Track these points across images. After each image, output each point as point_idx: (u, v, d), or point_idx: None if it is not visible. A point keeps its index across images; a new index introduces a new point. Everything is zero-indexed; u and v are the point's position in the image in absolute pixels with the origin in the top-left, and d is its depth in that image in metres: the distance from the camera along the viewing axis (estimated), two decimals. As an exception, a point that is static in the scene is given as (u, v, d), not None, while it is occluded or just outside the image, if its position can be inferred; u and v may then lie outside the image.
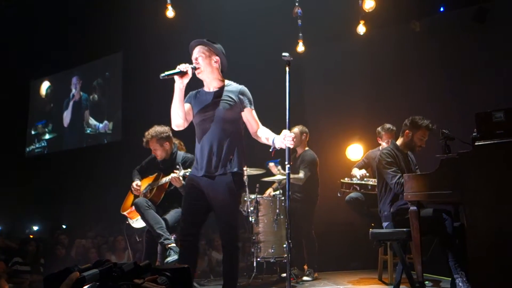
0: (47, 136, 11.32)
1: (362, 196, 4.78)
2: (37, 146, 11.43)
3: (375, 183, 4.30)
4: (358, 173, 4.89)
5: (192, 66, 3.05)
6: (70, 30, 9.02)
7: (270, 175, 5.38)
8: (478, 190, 2.87)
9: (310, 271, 5.31)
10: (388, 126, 5.06)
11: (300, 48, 6.70)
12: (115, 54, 9.89)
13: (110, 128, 10.08)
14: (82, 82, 10.88)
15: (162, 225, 4.02)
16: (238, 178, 3.07)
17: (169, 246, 3.84)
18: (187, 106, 3.17)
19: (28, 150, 11.57)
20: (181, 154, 4.44)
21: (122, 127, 9.74)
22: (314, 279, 5.24)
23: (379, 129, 5.13)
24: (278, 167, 5.14)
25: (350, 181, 4.87)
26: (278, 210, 5.08)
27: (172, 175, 4.04)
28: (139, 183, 4.50)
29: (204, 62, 3.09)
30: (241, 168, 3.10)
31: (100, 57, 10.19)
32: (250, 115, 3.16)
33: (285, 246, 4.85)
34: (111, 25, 8.32)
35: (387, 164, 3.82)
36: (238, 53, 6.97)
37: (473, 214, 2.87)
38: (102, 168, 8.81)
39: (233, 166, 3.03)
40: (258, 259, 5.07)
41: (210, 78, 3.14)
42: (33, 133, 11.59)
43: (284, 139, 2.97)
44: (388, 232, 3.71)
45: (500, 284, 2.75)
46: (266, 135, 3.12)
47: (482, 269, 2.81)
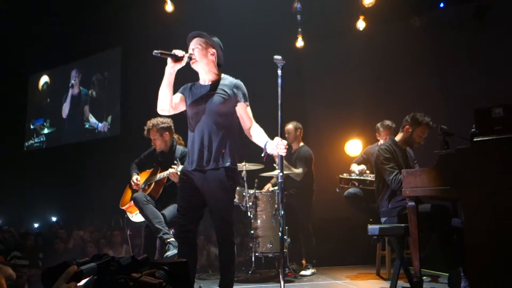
0: (46, 130, 11.30)
1: (361, 191, 4.79)
2: (35, 140, 11.42)
3: (374, 179, 4.31)
4: (356, 168, 4.90)
5: (187, 55, 3.01)
6: (70, 25, 8.99)
7: (269, 170, 5.39)
8: (476, 186, 2.88)
9: (309, 266, 5.33)
10: (387, 123, 5.06)
11: (299, 43, 6.69)
12: (114, 49, 9.87)
13: (109, 125, 10.07)
14: (81, 76, 10.85)
15: (161, 219, 4.03)
16: (231, 173, 3.01)
17: (168, 240, 3.84)
18: (180, 96, 3.14)
19: (27, 144, 11.56)
20: (180, 148, 4.43)
21: (121, 122, 9.74)
22: (313, 274, 5.26)
23: (378, 125, 5.14)
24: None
25: (348, 176, 4.87)
26: (276, 205, 5.09)
27: (170, 170, 4.04)
28: (139, 178, 4.50)
29: (200, 53, 3.05)
30: (234, 163, 3.04)
31: (99, 52, 10.16)
32: (244, 111, 3.10)
33: (287, 240, 4.90)
34: (110, 20, 8.29)
35: (385, 160, 3.83)
36: (237, 48, 6.94)
37: (471, 209, 2.87)
38: (100, 162, 8.80)
39: (225, 161, 2.98)
40: (257, 254, 5.09)
41: (205, 70, 3.10)
42: (31, 127, 11.57)
43: (277, 147, 2.90)
44: (386, 227, 3.72)
45: (497, 278, 2.76)
46: (258, 137, 3.06)
47: (479, 264, 2.81)
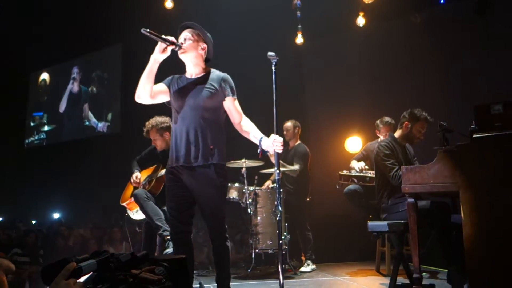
0: (46, 127, 11.30)
1: (361, 188, 4.80)
2: (36, 138, 11.42)
3: (374, 175, 4.31)
4: (356, 165, 4.90)
5: (178, 43, 2.92)
6: (70, 22, 8.97)
7: (268, 167, 5.40)
8: (476, 182, 2.88)
9: (308, 263, 5.35)
10: (386, 119, 5.07)
11: (299, 40, 6.68)
12: (114, 46, 9.86)
13: (109, 123, 10.08)
14: (81, 73, 10.84)
15: (161, 216, 4.03)
16: (221, 170, 2.95)
17: (167, 237, 3.85)
18: (163, 87, 3.05)
19: (27, 141, 11.57)
20: None
21: (121, 119, 9.74)
22: (312, 271, 5.28)
23: (378, 122, 5.14)
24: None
25: (348, 173, 4.88)
26: (276, 202, 5.09)
27: None
28: (139, 175, 4.50)
29: (191, 45, 2.97)
30: (222, 159, 2.98)
31: (99, 49, 10.15)
32: (232, 105, 3.02)
33: (283, 238, 4.92)
34: (111, 17, 8.28)
35: (385, 156, 3.83)
36: (237, 45, 6.97)
37: (470, 206, 2.87)
38: (101, 159, 8.81)
39: (214, 157, 2.91)
40: (257, 251, 5.10)
41: (193, 62, 3.01)
42: (32, 124, 11.57)
43: (273, 144, 2.87)
44: (385, 224, 3.72)
45: (496, 274, 2.77)
46: (252, 132, 3.00)
47: (478, 260, 2.82)
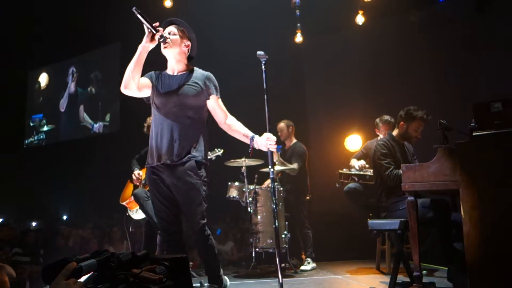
0: (45, 128, 11.31)
1: (360, 186, 4.80)
2: (35, 138, 11.43)
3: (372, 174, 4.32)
4: (356, 163, 4.90)
5: (163, 35, 2.87)
6: (68, 20, 8.96)
7: (268, 166, 5.39)
8: (476, 180, 2.88)
9: (309, 261, 5.35)
10: (386, 117, 5.07)
11: (298, 38, 6.67)
12: (113, 44, 9.85)
13: (106, 123, 10.09)
14: (79, 74, 10.84)
15: (161, 215, 4.02)
16: (203, 167, 2.89)
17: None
18: (147, 80, 2.97)
19: (27, 142, 11.57)
20: None
21: (121, 118, 9.74)
22: (313, 269, 5.28)
23: (377, 120, 5.14)
24: (279, 153, 5.16)
25: (348, 171, 4.88)
26: (274, 201, 5.09)
27: None
28: (141, 173, 4.50)
29: (175, 40, 2.94)
30: (205, 157, 2.92)
31: (98, 47, 10.14)
32: (216, 104, 2.99)
33: (283, 237, 4.92)
34: (109, 15, 8.27)
35: (382, 155, 3.84)
36: (235, 44, 6.96)
37: (470, 204, 2.87)
38: (100, 158, 8.82)
39: (196, 155, 2.85)
40: (257, 249, 5.10)
41: (176, 58, 2.97)
42: (31, 124, 11.58)
43: (267, 143, 2.85)
44: (385, 222, 3.72)
45: (497, 272, 2.77)
46: (242, 131, 2.97)
47: (478, 258, 2.82)
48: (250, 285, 4.59)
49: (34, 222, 9.90)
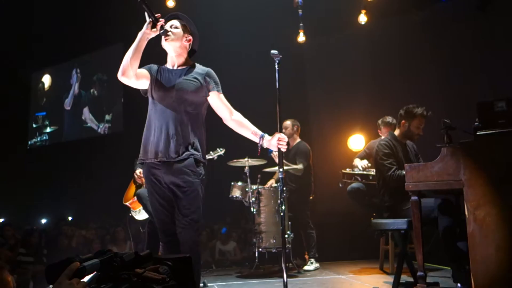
0: (48, 129, 11.35)
1: (364, 186, 4.79)
2: (38, 139, 11.47)
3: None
4: (359, 163, 4.90)
5: (164, 28, 2.80)
6: (70, 21, 8.98)
7: (271, 166, 5.39)
8: (480, 179, 2.87)
9: (312, 261, 5.35)
10: (387, 119, 5.06)
11: (300, 38, 6.66)
12: (116, 45, 9.86)
13: (109, 124, 10.11)
14: (82, 76, 10.86)
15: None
16: (202, 165, 2.80)
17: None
18: (146, 72, 2.87)
19: (30, 143, 11.62)
20: None
21: (124, 118, 9.75)
22: (316, 269, 5.27)
23: (379, 121, 5.16)
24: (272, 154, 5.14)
25: (351, 171, 4.87)
26: (279, 201, 5.09)
27: None
28: (142, 170, 4.50)
29: (176, 33, 2.86)
30: (203, 156, 2.82)
31: (100, 47, 10.15)
32: (219, 99, 2.89)
33: (286, 237, 4.91)
34: (111, 15, 8.28)
35: (384, 155, 3.83)
36: (238, 43, 6.96)
37: (474, 203, 2.86)
38: (103, 159, 8.83)
39: (195, 152, 2.75)
40: (260, 249, 5.10)
41: (177, 52, 2.89)
42: (34, 126, 11.62)
43: (278, 144, 2.80)
44: (389, 222, 3.71)
45: (500, 272, 2.76)
46: (250, 128, 2.89)
47: (482, 258, 2.81)
48: (253, 285, 4.59)
49: (38, 222, 9.93)
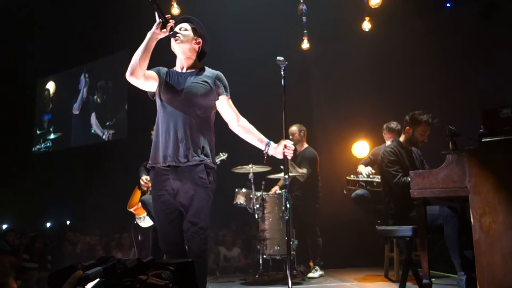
0: (52, 136, 11.41)
1: (368, 193, 4.77)
2: (42, 146, 11.53)
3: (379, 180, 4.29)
4: (364, 170, 4.88)
5: (174, 29, 2.75)
6: (76, 28, 9.05)
7: (276, 172, 5.39)
8: (485, 186, 2.85)
9: (317, 268, 5.32)
10: (391, 125, 5.05)
11: (305, 45, 6.68)
12: (122, 51, 9.92)
13: (112, 131, 10.17)
14: (89, 81, 10.94)
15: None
16: (212, 171, 2.74)
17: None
18: (154, 74, 2.83)
19: (34, 149, 11.69)
20: None
21: (128, 125, 9.79)
22: (321, 276, 5.25)
23: (384, 126, 5.15)
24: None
25: (356, 178, 4.86)
26: (284, 208, 5.08)
27: None
28: (148, 178, 4.51)
29: (186, 35, 2.81)
30: (213, 161, 2.76)
31: (106, 54, 10.22)
32: (227, 104, 2.85)
33: (291, 244, 4.89)
34: (117, 23, 8.35)
35: (389, 162, 3.82)
36: (242, 50, 6.98)
37: (480, 210, 2.85)
38: (108, 165, 8.85)
39: (205, 157, 2.69)
40: (264, 256, 5.08)
41: (186, 54, 2.84)
42: (38, 132, 11.69)
43: (284, 150, 2.78)
44: (394, 229, 3.70)
45: (506, 279, 2.73)
46: (256, 135, 2.87)
47: (488, 265, 2.79)
48: (257, 292, 4.57)
49: (42, 229, 9.95)
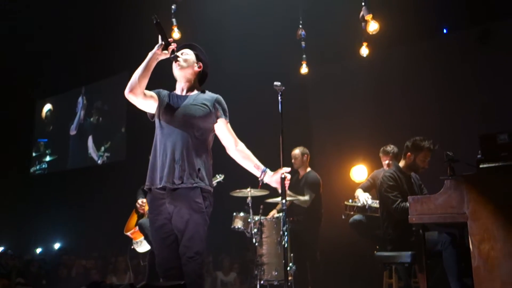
0: (48, 158, 11.42)
1: (365, 218, 4.74)
2: (37, 168, 11.54)
3: (379, 205, 4.27)
4: (362, 196, 4.83)
5: (175, 53, 2.80)
6: (77, 49, 9.13)
7: (274, 196, 5.36)
8: (484, 212, 2.85)
9: (315, 294, 5.25)
10: (387, 148, 5.02)
11: (304, 69, 6.75)
12: (122, 74, 10.00)
13: (106, 153, 10.18)
14: (87, 104, 10.99)
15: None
16: (207, 195, 2.72)
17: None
18: (154, 94, 2.86)
19: (32, 170, 11.68)
20: None
21: (127, 147, 9.79)
22: (318, 302, 5.17)
23: (381, 149, 5.14)
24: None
25: (353, 203, 4.83)
26: (282, 232, 5.03)
27: None
28: (144, 200, 4.49)
29: (187, 60, 2.87)
30: (210, 184, 2.74)
31: (106, 76, 10.28)
32: (226, 127, 2.86)
33: (288, 269, 4.83)
34: (117, 45, 8.43)
35: (389, 187, 3.81)
36: (241, 74, 7.05)
37: (478, 237, 2.83)
38: (105, 188, 8.82)
39: (200, 180, 2.67)
40: (262, 282, 5.01)
41: (186, 78, 2.88)
42: (34, 154, 11.70)
43: (279, 181, 2.78)
44: (393, 255, 3.67)
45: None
46: (253, 161, 2.86)
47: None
48: (254, 318, 4.50)
49: (37, 252, 9.85)
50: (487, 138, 3.02)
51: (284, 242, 3.09)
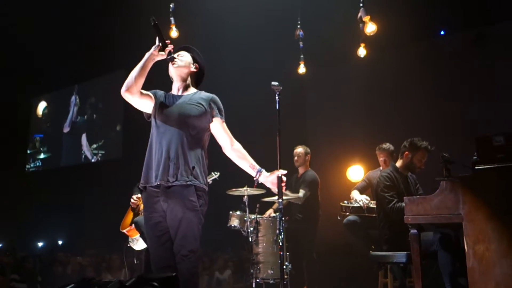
0: (42, 155, 11.39)
1: (359, 219, 4.76)
2: (31, 165, 11.50)
3: (374, 206, 4.30)
4: (357, 197, 4.85)
5: (172, 54, 2.82)
6: (74, 47, 9.10)
7: (270, 195, 5.37)
8: (479, 214, 2.87)
9: (310, 293, 5.27)
10: (383, 146, 5.04)
11: (301, 69, 6.76)
12: (118, 72, 9.97)
13: (99, 152, 10.17)
14: (81, 101, 10.96)
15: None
16: (202, 193, 2.72)
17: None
18: (150, 94, 2.89)
19: (27, 167, 11.63)
20: None
21: (123, 144, 9.76)
22: (314, 302, 5.19)
23: (377, 147, 5.16)
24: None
25: (349, 204, 4.84)
26: (278, 231, 5.04)
27: None
28: (139, 196, 4.48)
29: (183, 60, 2.90)
30: (204, 182, 2.74)
31: (102, 75, 10.25)
32: (221, 127, 2.88)
33: (284, 268, 4.85)
34: (114, 43, 8.41)
35: (385, 187, 3.84)
36: (239, 74, 7.06)
37: (473, 237, 2.86)
38: (100, 186, 8.80)
39: (195, 178, 2.68)
40: (257, 280, 5.02)
41: (182, 77, 2.91)
42: (29, 152, 11.66)
43: (275, 183, 2.81)
44: (388, 255, 3.69)
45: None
46: (249, 161, 2.88)
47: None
48: (250, 317, 4.51)
49: (33, 248, 9.82)
50: (483, 140, 3.04)
51: (279, 241, 3.09)
